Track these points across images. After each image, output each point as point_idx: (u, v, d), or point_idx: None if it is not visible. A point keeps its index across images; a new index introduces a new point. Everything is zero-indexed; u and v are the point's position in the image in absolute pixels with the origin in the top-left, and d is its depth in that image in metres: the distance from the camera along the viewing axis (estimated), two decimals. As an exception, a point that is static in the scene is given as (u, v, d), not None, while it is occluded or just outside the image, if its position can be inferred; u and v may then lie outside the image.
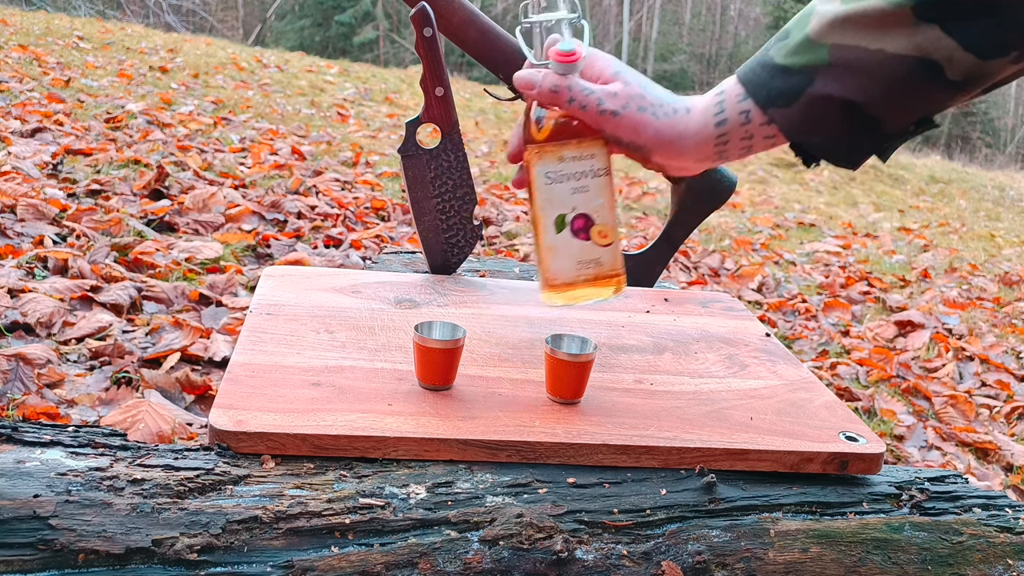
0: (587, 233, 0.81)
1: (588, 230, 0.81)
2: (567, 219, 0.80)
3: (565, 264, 0.81)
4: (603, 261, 0.81)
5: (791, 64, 0.71)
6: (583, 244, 0.81)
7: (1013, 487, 1.91)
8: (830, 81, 0.70)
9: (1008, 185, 9.58)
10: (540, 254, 0.82)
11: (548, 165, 0.80)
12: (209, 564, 0.57)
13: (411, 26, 1.04)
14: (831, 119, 0.71)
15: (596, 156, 0.80)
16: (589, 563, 0.64)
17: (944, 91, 0.69)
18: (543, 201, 0.80)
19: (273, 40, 17.08)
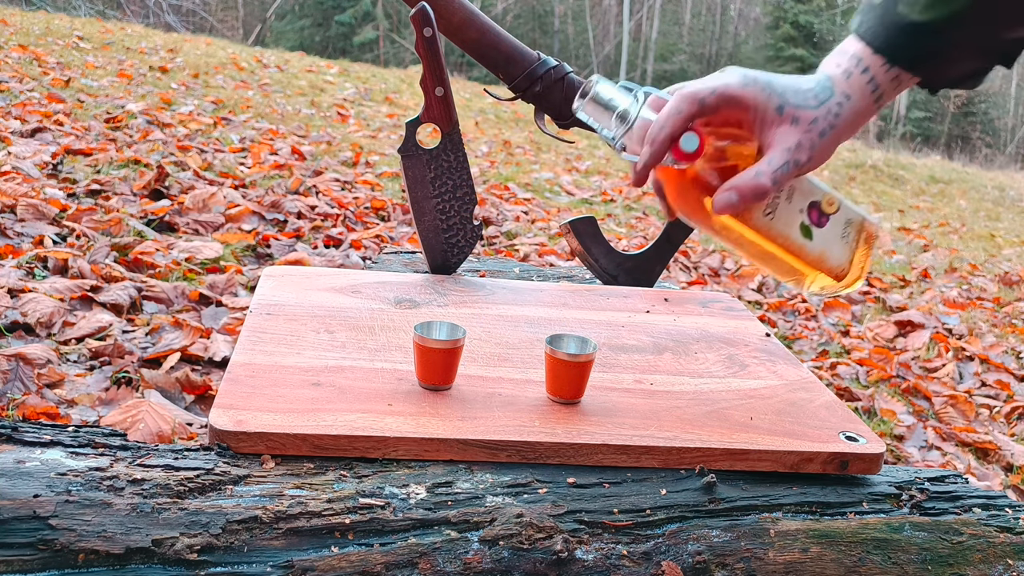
0: (824, 215, 0.81)
1: (822, 211, 0.81)
2: (805, 223, 0.80)
3: (837, 250, 0.82)
4: (851, 219, 0.82)
5: (930, 18, 0.69)
6: (831, 225, 0.81)
7: (1013, 487, 1.91)
8: (974, 23, 0.69)
9: (1008, 185, 9.58)
10: (810, 266, 0.82)
11: (758, 209, 0.78)
12: (209, 564, 0.57)
13: (411, 26, 1.04)
14: (973, 55, 0.71)
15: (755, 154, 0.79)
16: (589, 563, 0.64)
17: None
18: (778, 232, 0.80)
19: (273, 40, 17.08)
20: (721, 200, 0.73)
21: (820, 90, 0.74)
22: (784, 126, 0.73)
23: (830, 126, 0.73)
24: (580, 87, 0.77)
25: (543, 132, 1.13)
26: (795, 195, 0.80)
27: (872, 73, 0.73)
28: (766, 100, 0.73)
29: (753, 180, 0.72)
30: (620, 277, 1.19)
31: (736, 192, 0.72)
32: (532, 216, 3.71)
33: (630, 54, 22.44)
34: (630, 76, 22.08)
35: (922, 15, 0.69)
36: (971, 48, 0.71)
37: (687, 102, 0.71)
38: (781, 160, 0.73)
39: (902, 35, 0.71)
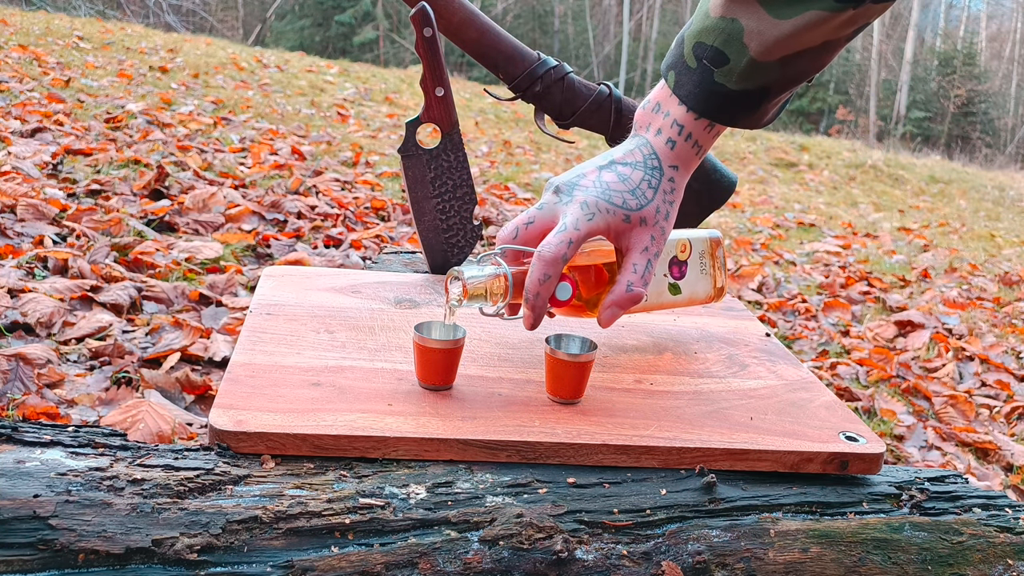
0: (683, 264, 0.91)
1: (679, 261, 0.91)
2: (671, 282, 0.90)
3: (702, 286, 0.93)
4: (701, 250, 0.93)
5: (746, 88, 0.76)
6: (690, 268, 0.91)
7: (1013, 487, 1.91)
8: (786, 84, 0.77)
9: (1008, 185, 9.58)
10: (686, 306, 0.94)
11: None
12: (209, 564, 0.57)
13: (411, 26, 1.04)
14: (782, 100, 0.79)
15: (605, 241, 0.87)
16: (589, 563, 0.64)
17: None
18: (652, 303, 0.90)
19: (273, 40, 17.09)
20: (606, 317, 0.78)
21: (650, 175, 0.79)
22: (635, 229, 0.78)
23: (670, 204, 0.79)
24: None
25: (543, 132, 1.13)
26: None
27: (696, 137, 0.79)
28: (613, 218, 0.77)
29: (628, 293, 0.77)
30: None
31: (617, 307, 0.78)
32: (532, 216, 3.71)
33: (630, 54, 22.44)
34: (630, 76, 22.08)
35: (738, 86, 0.76)
36: (782, 98, 0.79)
37: (551, 266, 0.74)
38: (643, 261, 0.78)
39: (722, 101, 0.77)
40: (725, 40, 0.74)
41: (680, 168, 0.80)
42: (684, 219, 1.20)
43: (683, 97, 0.78)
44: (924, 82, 22.39)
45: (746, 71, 0.74)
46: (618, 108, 1.12)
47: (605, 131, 1.14)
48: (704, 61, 0.76)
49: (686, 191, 1.17)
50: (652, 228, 0.78)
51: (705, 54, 0.75)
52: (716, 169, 1.18)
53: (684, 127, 0.78)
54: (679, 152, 0.79)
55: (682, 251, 0.89)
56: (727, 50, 0.74)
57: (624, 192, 0.77)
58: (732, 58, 0.74)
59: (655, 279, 0.87)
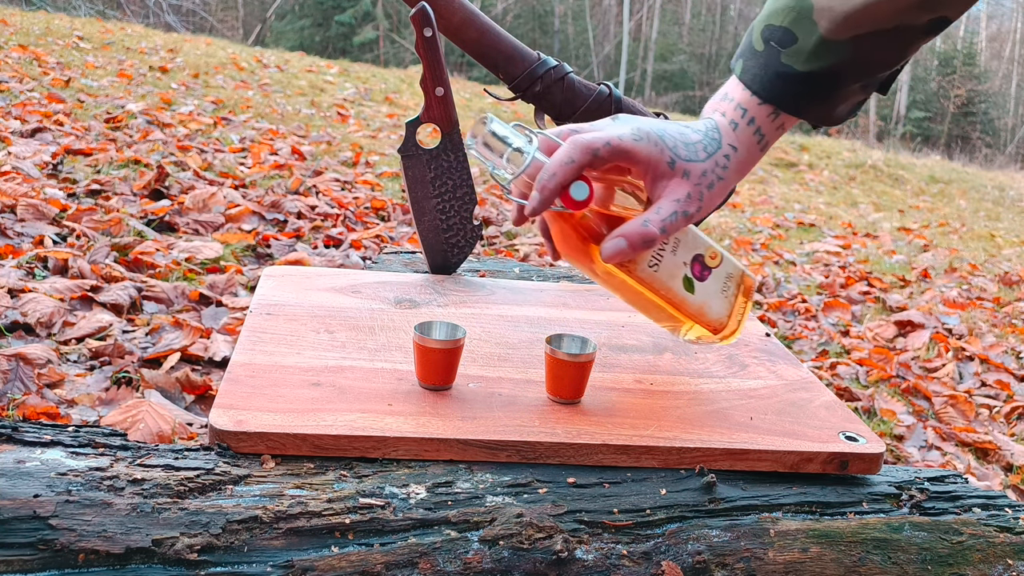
0: (707, 269, 0.83)
1: (705, 264, 0.83)
2: (688, 275, 0.82)
3: (717, 304, 0.84)
4: (731, 273, 0.84)
5: (814, 69, 0.72)
6: (712, 278, 0.83)
7: (1013, 487, 1.91)
8: (856, 71, 0.72)
9: (1008, 185, 9.58)
10: (690, 318, 0.84)
11: (644, 260, 0.79)
12: (209, 564, 0.57)
13: (411, 26, 1.04)
14: (854, 95, 0.75)
15: None
16: (589, 563, 0.64)
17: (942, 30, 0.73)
18: (661, 284, 0.81)
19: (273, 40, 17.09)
20: (609, 247, 0.73)
21: (708, 142, 0.76)
22: (676, 179, 0.74)
23: (718, 178, 0.75)
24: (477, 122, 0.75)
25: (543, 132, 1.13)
26: (680, 248, 0.81)
27: (758, 123, 0.76)
28: (659, 155, 0.73)
29: (641, 228, 0.72)
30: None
31: (625, 239, 0.72)
32: (532, 216, 3.71)
33: (630, 54, 22.44)
34: (630, 76, 22.09)
35: (805, 66, 0.72)
36: (853, 89, 0.75)
37: (580, 152, 0.71)
38: (670, 210, 0.73)
39: (787, 85, 0.73)
40: (794, 19, 0.71)
41: (739, 151, 0.76)
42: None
43: (748, 82, 0.75)
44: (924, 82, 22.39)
45: (815, 50, 0.71)
46: (618, 108, 1.12)
47: (605, 131, 1.13)
48: (771, 43, 0.73)
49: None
50: (692, 186, 0.73)
51: (773, 36, 0.73)
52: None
53: (748, 111, 0.75)
54: (740, 135, 0.76)
55: (712, 257, 0.83)
56: (796, 29, 0.71)
57: (679, 140, 0.74)
58: (800, 37, 0.71)
59: (674, 259, 0.80)
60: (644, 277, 0.79)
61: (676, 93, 21.87)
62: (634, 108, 1.14)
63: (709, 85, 22.93)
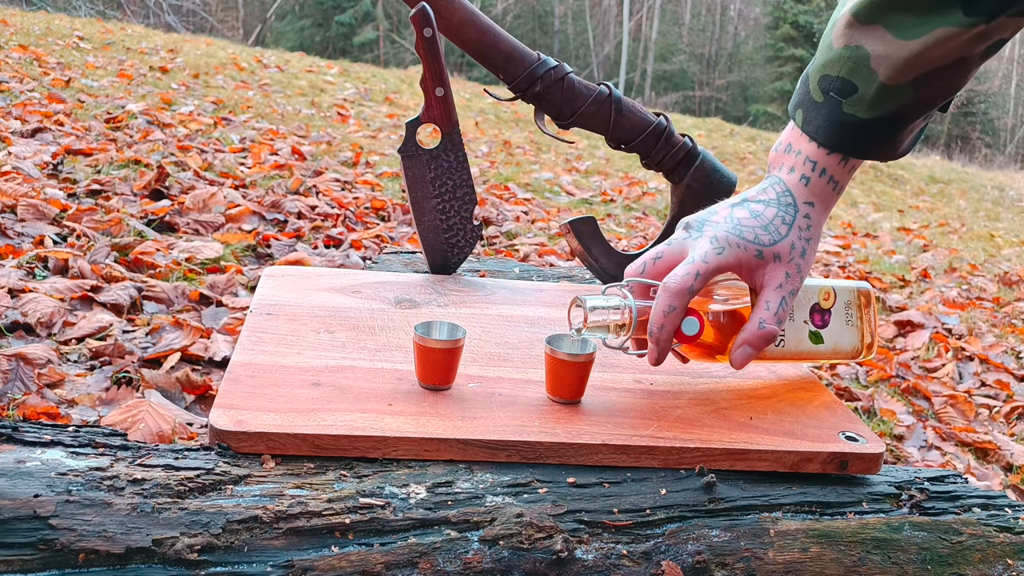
0: (826, 313, 0.85)
1: (822, 310, 0.85)
2: (812, 330, 0.84)
3: (847, 337, 0.86)
4: (847, 300, 0.86)
5: (878, 115, 0.72)
6: (834, 318, 0.85)
7: (1013, 487, 1.91)
8: (918, 109, 0.73)
9: (1008, 185, 9.58)
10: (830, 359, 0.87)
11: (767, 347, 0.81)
12: (209, 564, 0.57)
13: (411, 26, 1.04)
14: (918, 127, 0.75)
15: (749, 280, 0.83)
16: (589, 563, 0.64)
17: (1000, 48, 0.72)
18: (792, 351, 0.84)
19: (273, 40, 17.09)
20: (738, 356, 0.76)
21: (784, 211, 0.76)
22: (769, 265, 0.75)
23: (806, 240, 0.76)
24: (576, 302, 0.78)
25: (543, 132, 1.13)
26: (795, 312, 0.82)
27: (830, 172, 0.76)
28: (745, 254, 0.74)
29: (760, 330, 0.75)
30: (620, 277, 1.19)
31: (749, 346, 0.75)
32: (532, 216, 3.71)
33: (630, 54, 22.44)
34: (630, 76, 22.09)
35: (868, 114, 0.73)
36: (917, 124, 0.75)
37: (677, 298, 0.72)
38: (777, 299, 0.75)
39: (853, 133, 0.74)
40: (852, 68, 0.71)
41: (816, 205, 0.77)
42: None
43: (812, 133, 0.75)
44: (924, 82, 22.28)
45: (877, 97, 0.71)
46: (618, 108, 1.12)
47: (605, 131, 1.14)
48: (831, 93, 0.73)
49: (686, 191, 1.18)
50: (787, 265, 0.75)
51: (832, 86, 0.73)
52: (716, 169, 1.18)
53: (817, 163, 0.76)
54: (814, 188, 0.77)
55: (825, 299, 0.84)
56: (854, 79, 0.72)
57: (756, 228, 0.75)
58: (861, 86, 0.71)
59: (794, 325, 0.82)
60: (775, 355, 0.82)
61: (676, 93, 21.88)
62: (634, 108, 1.14)
63: (709, 85, 22.94)
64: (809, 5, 20.64)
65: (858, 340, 0.87)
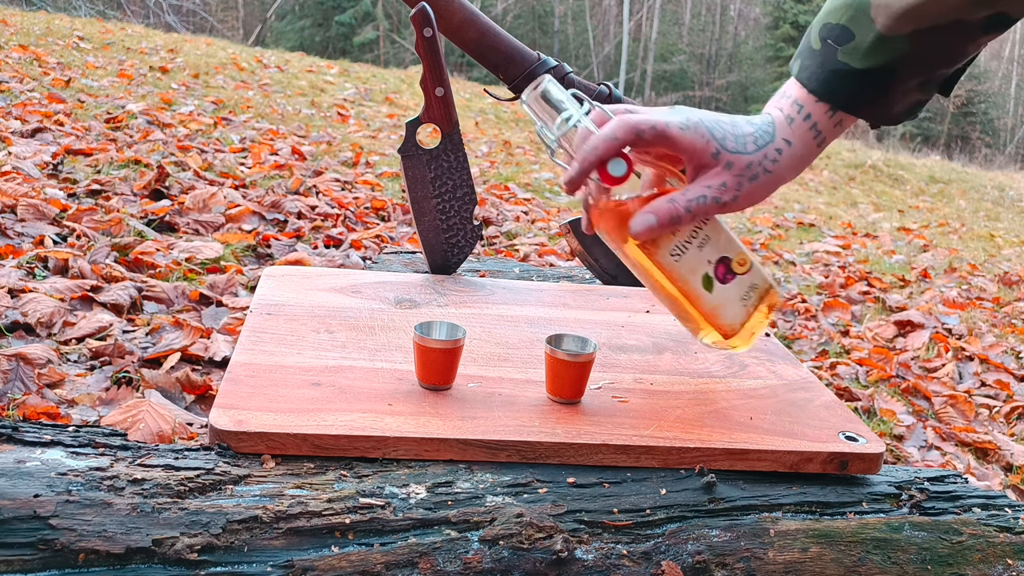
0: (731, 273, 0.82)
1: (730, 268, 0.82)
2: (710, 273, 0.81)
3: (733, 310, 0.83)
4: (756, 282, 0.84)
5: (871, 66, 0.72)
6: (735, 284, 0.83)
7: (1013, 487, 1.91)
8: (913, 67, 0.72)
9: (1008, 185, 9.58)
10: (704, 317, 0.83)
11: (667, 246, 0.79)
12: (209, 564, 0.57)
13: (411, 26, 1.04)
14: (911, 93, 0.74)
15: None
16: (589, 563, 0.64)
17: (1006, 29, 0.71)
18: (679, 276, 0.81)
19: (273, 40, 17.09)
20: (639, 220, 0.74)
21: (761, 134, 0.75)
22: (717, 168, 0.74)
23: (765, 171, 0.75)
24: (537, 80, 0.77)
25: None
26: (708, 245, 0.81)
27: (815, 119, 0.75)
28: (704, 145, 0.74)
29: (667, 205, 0.73)
30: (620, 277, 1.19)
31: (654, 215, 0.73)
32: (532, 216, 3.71)
33: (630, 54, 22.44)
34: (630, 76, 22.08)
35: (862, 63, 0.72)
36: (911, 87, 0.74)
37: (624, 130, 0.72)
38: (698, 193, 0.74)
39: (844, 82, 0.73)
40: (852, 16, 0.71)
41: (794, 145, 0.75)
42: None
43: (805, 80, 0.75)
44: (924, 82, 22.30)
45: (872, 47, 0.71)
46: (618, 108, 1.12)
47: (605, 131, 1.13)
48: (829, 41, 0.73)
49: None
50: (732, 176, 0.74)
51: (831, 34, 0.73)
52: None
53: (804, 107, 0.75)
54: (796, 130, 0.76)
55: (740, 264, 0.82)
56: (853, 26, 0.71)
57: (729, 132, 0.74)
58: (858, 34, 0.71)
59: (699, 255, 0.79)
60: (665, 264, 0.79)
61: (676, 93, 21.87)
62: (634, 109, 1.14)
63: (709, 85, 22.93)
64: (809, 5, 20.64)
65: (738, 322, 0.83)
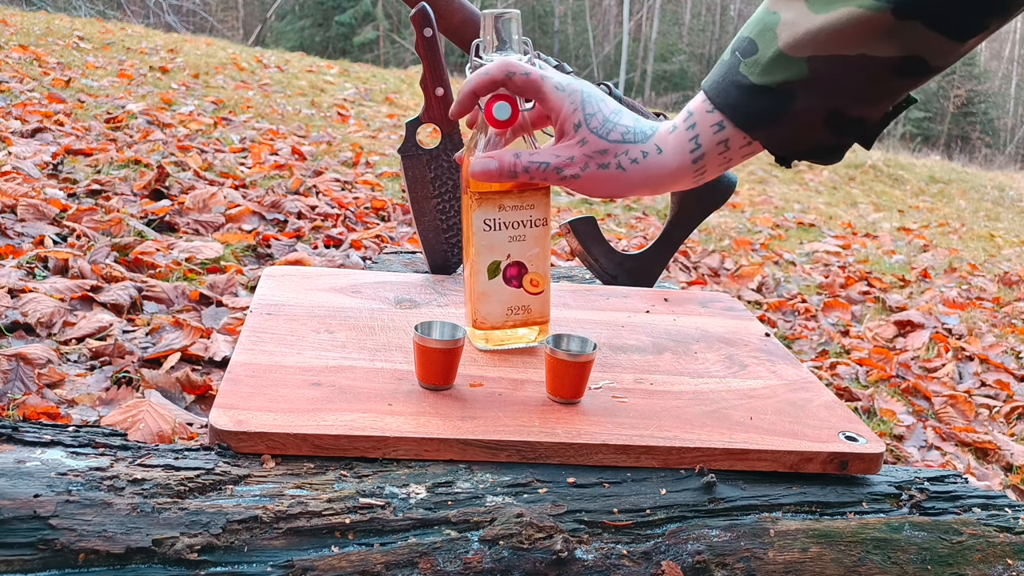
0: (519, 281, 0.83)
1: (520, 278, 0.83)
2: (501, 266, 0.83)
3: (495, 309, 0.84)
4: (532, 308, 0.85)
5: (768, 83, 0.69)
6: (514, 291, 0.84)
7: (1013, 487, 1.91)
8: (813, 95, 0.69)
9: (1008, 185, 9.58)
10: (471, 295, 0.84)
11: (487, 212, 0.81)
12: (209, 564, 0.57)
13: (411, 26, 1.04)
14: (815, 128, 0.71)
15: (537, 207, 0.83)
16: (589, 563, 0.64)
17: (925, 77, 0.69)
18: (479, 246, 0.82)
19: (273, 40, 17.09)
20: (478, 162, 0.77)
21: (634, 132, 0.75)
22: (572, 140, 0.75)
23: (618, 165, 0.74)
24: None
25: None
26: (519, 243, 0.82)
27: (698, 130, 0.73)
28: (569, 112, 0.74)
29: (511, 157, 0.75)
30: (620, 277, 1.19)
31: (496, 160, 0.76)
32: (532, 216, 3.71)
33: (630, 54, 22.44)
34: (630, 76, 22.09)
35: (760, 79, 0.70)
36: (813, 119, 0.70)
37: (498, 68, 0.75)
38: (544, 157, 0.75)
39: (740, 95, 0.71)
40: (760, 31, 0.70)
41: (664, 154, 0.73)
42: (684, 219, 1.20)
43: (706, 88, 0.73)
44: (924, 82, 22.31)
45: (771, 63, 0.69)
46: (618, 108, 1.12)
47: (605, 131, 1.13)
48: (736, 52, 0.71)
49: (686, 192, 1.17)
50: (581, 152, 0.74)
51: (739, 46, 0.71)
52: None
53: (692, 114, 0.74)
54: (674, 138, 0.74)
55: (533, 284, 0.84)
56: (759, 40, 0.70)
57: (603, 113, 0.75)
58: (761, 48, 0.69)
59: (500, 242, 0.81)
60: (475, 225, 0.81)
61: (676, 93, 21.87)
62: (634, 108, 1.14)
63: (709, 85, 22.89)
64: (809, 5, 20.57)
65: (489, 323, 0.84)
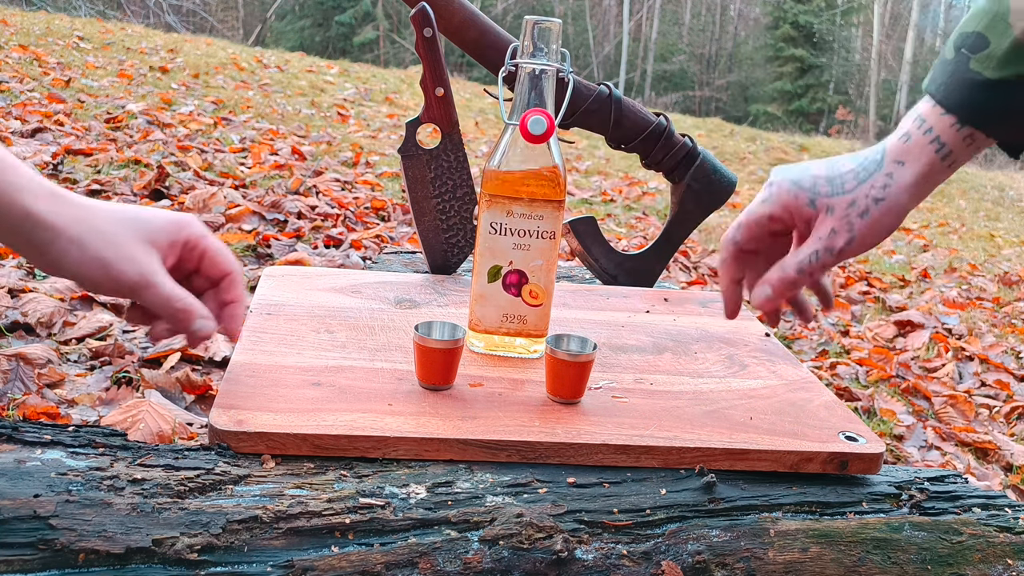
0: (518, 289, 0.84)
1: (520, 287, 0.84)
2: (502, 271, 0.83)
3: (490, 313, 0.84)
4: (528, 320, 0.85)
5: (1005, 76, 0.66)
6: (511, 299, 0.84)
7: (1013, 487, 1.91)
8: None
9: (1008, 185, 9.57)
10: (472, 295, 0.85)
11: (495, 216, 0.81)
12: (209, 564, 0.57)
13: (411, 26, 1.04)
14: None
15: (546, 218, 0.83)
16: (589, 563, 0.64)
17: None
18: (483, 248, 0.83)
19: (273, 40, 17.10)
20: (757, 294, 0.77)
21: (861, 169, 0.72)
22: (820, 217, 0.73)
23: (874, 201, 0.71)
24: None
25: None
26: (524, 251, 0.82)
27: (937, 132, 0.70)
28: (794, 200, 0.73)
29: (778, 273, 0.75)
30: (620, 277, 1.19)
31: (768, 284, 0.76)
32: (532, 216, 3.71)
33: (630, 54, 22.43)
34: (630, 76, 22.09)
35: (995, 73, 0.66)
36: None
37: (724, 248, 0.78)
38: (809, 251, 0.73)
39: (973, 93, 0.67)
40: (988, 23, 0.66)
41: (907, 165, 0.70)
42: (684, 219, 1.20)
43: (933, 92, 0.70)
44: (924, 82, 22.32)
45: (1007, 55, 0.64)
46: (618, 108, 1.12)
47: (605, 131, 1.14)
48: (963, 50, 0.67)
49: (686, 191, 1.17)
50: (836, 220, 0.71)
51: (965, 42, 0.67)
52: (716, 169, 1.18)
53: (926, 120, 0.70)
54: (912, 147, 0.70)
55: (532, 295, 0.84)
56: (989, 33, 0.66)
57: (821, 177, 0.73)
58: (993, 41, 0.65)
59: (505, 247, 0.82)
60: (483, 224, 0.82)
61: (676, 93, 21.88)
62: (634, 108, 1.14)
63: (709, 85, 22.93)
64: (809, 5, 20.64)
65: (483, 326, 0.85)
